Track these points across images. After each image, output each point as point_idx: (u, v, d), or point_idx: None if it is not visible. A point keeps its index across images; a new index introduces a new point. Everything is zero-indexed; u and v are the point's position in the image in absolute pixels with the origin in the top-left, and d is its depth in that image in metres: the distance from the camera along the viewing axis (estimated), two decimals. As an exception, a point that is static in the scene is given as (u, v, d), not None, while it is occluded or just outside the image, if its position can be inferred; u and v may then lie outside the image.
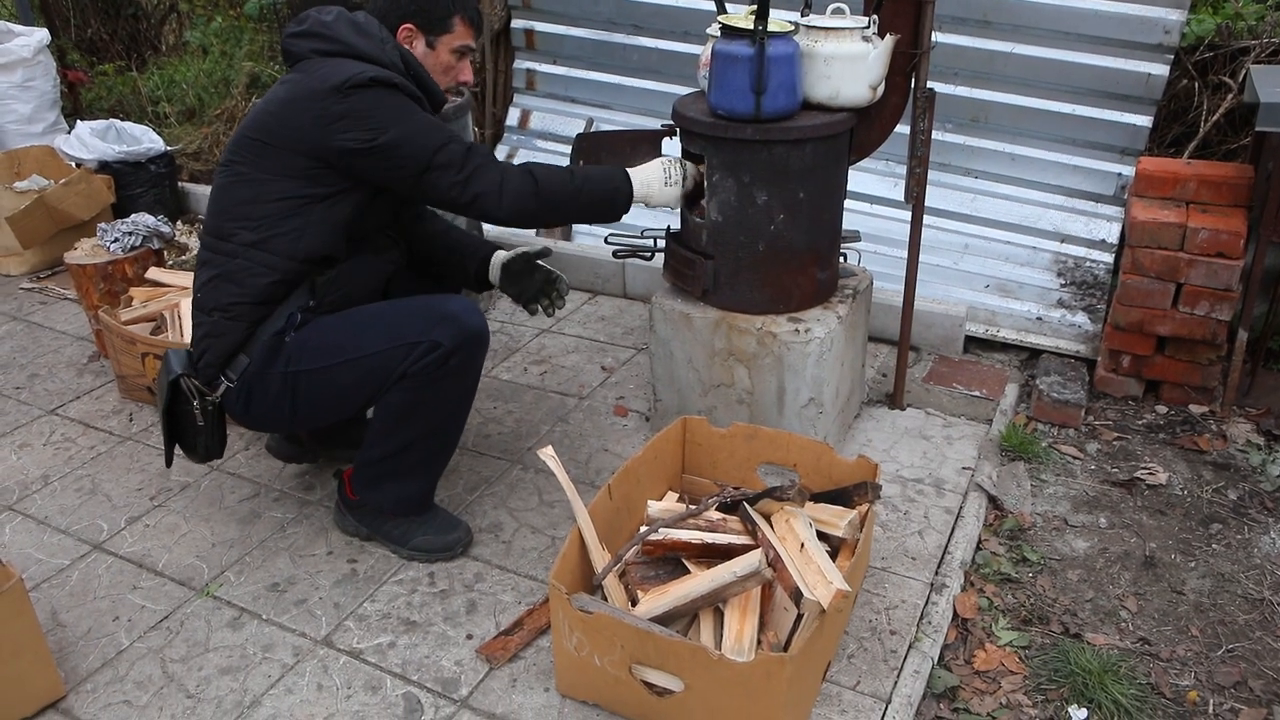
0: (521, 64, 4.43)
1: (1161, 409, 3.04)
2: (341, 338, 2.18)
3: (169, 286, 3.37)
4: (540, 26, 4.31)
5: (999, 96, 3.65)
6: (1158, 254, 2.87)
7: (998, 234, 3.66)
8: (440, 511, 2.45)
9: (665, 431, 2.35)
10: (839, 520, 2.09)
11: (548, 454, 2.07)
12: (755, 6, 2.26)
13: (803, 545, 1.93)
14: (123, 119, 4.95)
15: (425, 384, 2.16)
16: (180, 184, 4.85)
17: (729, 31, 2.34)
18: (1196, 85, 3.60)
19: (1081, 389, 3.03)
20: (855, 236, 2.84)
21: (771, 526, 2.02)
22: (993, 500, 2.62)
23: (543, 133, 4.39)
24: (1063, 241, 3.60)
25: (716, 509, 2.09)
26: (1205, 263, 2.82)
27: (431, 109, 2.29)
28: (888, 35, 2.41)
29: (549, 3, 4.23)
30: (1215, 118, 3.59)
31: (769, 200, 2.43)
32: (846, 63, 2.39)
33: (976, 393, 3.07)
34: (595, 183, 2.30)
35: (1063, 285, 3.50)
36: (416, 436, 2.26)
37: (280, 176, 2.15)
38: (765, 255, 2.50)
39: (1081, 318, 3.37)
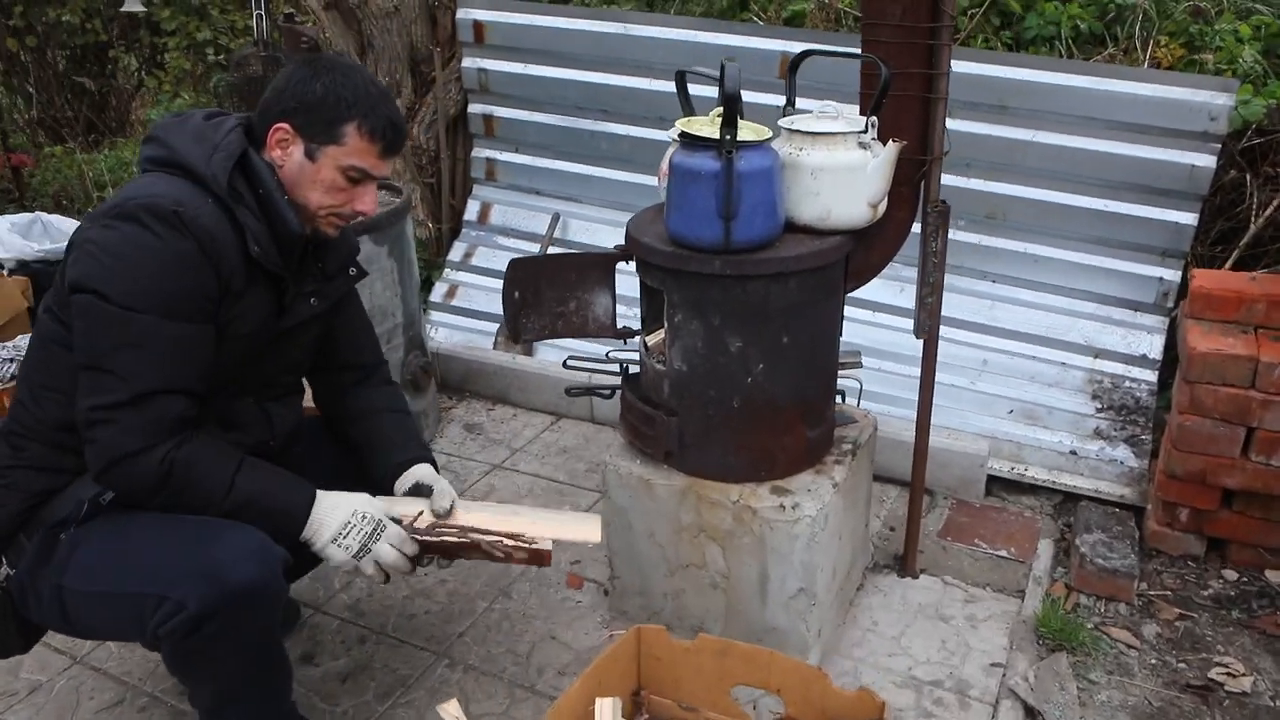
0: (481, 152, 3.97)
1: (1230, 575, 2.51)
2: (108, 559, 1.63)
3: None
4: (500, 112, 3.86)
5: (1019, 190, 3.18)
6: (1222, 392, 2.36)
7: (1020, 347, 3.17)
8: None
9: (613, 648, 1.83)
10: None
11: (449, 711, 1.56)
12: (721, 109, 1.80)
13: None
14: (67, 205, 4.50)
15: (183, 651, 1.61)
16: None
17: (690, 140, 1.87)
18: (1247, 177, 3.13)
19: (1131, 550, 2.50)
20: (855, 358, 2.35)
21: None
22: (1030, 712, 2.09)
23: (504, 228, 3.92)
24: (1096, 357, 3.10)
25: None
26: (1282, 403, 2.32)
27: (280, 247, 1.72)
28: (890, 141, 1.94)
29: (509, 86, 3.80)
30: (1268, 213, 3.12)
31: (744, 346, 1.95)
32: (839, 175, 1.92)
33: (1003, 552, 2.56)
34: (256, 499, 1.67)
35: (1099, 410, 3.00)
36: (215, 700, 1.72)
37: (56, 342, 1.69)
38: (741, 412, 2.00)
39: (1123, 451, 2.86)
